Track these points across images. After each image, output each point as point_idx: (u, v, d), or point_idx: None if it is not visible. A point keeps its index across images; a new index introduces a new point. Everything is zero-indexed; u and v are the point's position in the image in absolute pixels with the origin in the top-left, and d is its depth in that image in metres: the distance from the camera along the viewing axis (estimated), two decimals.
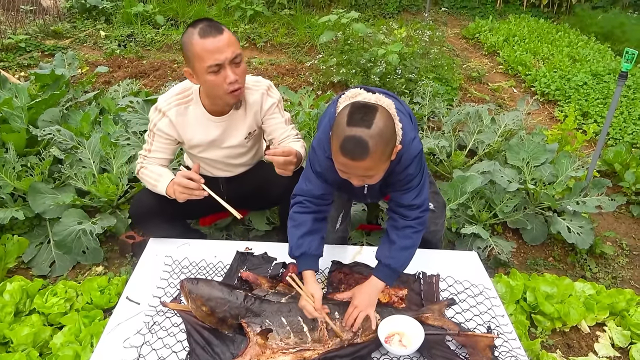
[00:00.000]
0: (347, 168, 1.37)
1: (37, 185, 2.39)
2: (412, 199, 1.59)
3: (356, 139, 1.28)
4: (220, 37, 1.65)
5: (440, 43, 4.98)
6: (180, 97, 1.88)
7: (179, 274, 1.82)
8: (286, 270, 1.83)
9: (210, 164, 2.08)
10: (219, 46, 1.64)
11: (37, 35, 5.31)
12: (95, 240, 2.27)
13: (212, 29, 1.65)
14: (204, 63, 1.65)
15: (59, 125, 2.77)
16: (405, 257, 1.63)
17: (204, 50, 1.64)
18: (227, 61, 1.67)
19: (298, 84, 4.42)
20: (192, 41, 1.65)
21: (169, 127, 1.87)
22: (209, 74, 1.68)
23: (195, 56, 1.66)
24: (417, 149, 1.53)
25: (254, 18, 6.00)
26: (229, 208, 1.72)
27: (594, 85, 4.39)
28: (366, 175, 1.39)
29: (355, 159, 1.31)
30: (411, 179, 1.57)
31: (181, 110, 1.86)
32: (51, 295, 1.93)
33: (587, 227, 2.49)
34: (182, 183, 1.70)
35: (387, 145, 1.34)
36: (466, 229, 2.39)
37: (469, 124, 3.15)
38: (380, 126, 1.30)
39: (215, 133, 1.92)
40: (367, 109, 1.33)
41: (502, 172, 2.58)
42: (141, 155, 1.95)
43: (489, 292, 1.81)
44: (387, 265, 1.61)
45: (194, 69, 1.71)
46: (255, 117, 1.97)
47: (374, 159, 1.31)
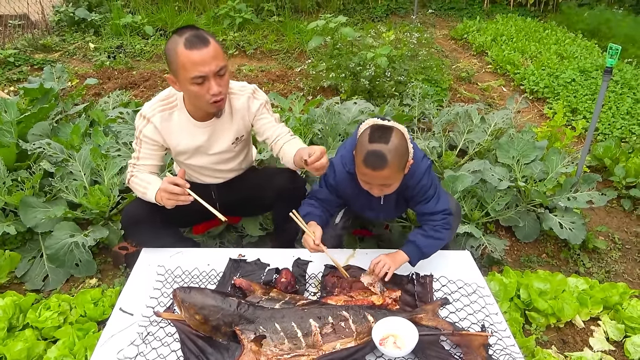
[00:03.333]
0: (369, 178, 1.63)
1: (28, 199, 2.38)
2: (433, 206, 1.82)
3: (377, 153, 1.56)
4: (206, 50, 1.64)
5: (428, 45, 5.02)
6: (164, 103, 1.88)
7: (172, 283, 1.82)
8: (280, 275, 1.83)
9: (199, 171, 2.07)
10: (204, 58, 1.63)
11: (26, 49, 5.30)
12: (87, 252, 2.26)
13: (198, 40, 1.64)
14: (188, 74, 1.65)
15: (49, 139, 2.76)
16: (433, 244, 1.82)
17: (189, 61, 1.63)
18: (211, 73, 1.67)
19: (288, 89, 4.43)
20: (177, 50, 1.64)
21: (154, 133, 1.87)
22: (193, 85, 1.68)
23: (179, 66, 1.65)
24: (426, 164, 1.79)
25: (243, 26, 6.02)
26: (214, 211, 1.72)
27: (582, 82, 4.42)
28: (385, 184, 1.65)
29: (376, 169, 1.57)
30: (426, 190, 1.80)
31: (165, 116, 1.87)
32: (44, 310, 1.92)
33: (579, 223, 2.51)
34: (168, 189, 1.70)
35: (402, 158, 1.61)
36: (459, 228, 2.39)
37: (459, 124, 3.17)
38: (395, 142, 1.58)
39: (201, 139, 1.92)
40: (385, 128, 1.62)
41: (493, 170, 2.59)
42: (130, 164, 1.95)
43: (482, 291, 1.82)
44: (415, 243, 1.78)
45: (177, 77, 1.71)
46: (244, 122, 1.97)
47: (392, 169, 1.58)
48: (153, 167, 1.95)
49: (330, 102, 3.29)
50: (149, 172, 1.93)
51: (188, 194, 1.71)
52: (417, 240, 1.80)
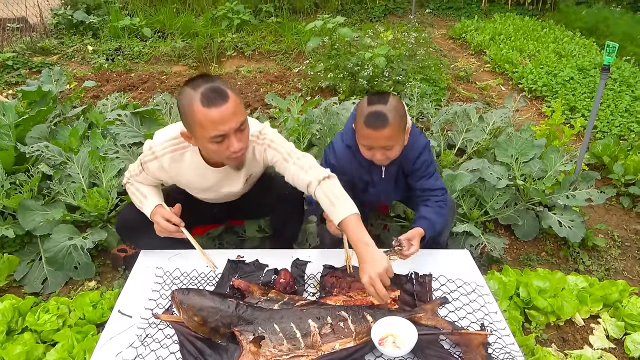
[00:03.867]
0: (371, 141, 1.68)
1: (27, 202, 2.38)
2: (435, 182, 1.90)
3: (377, 112, 1.63)
4: (226, 106, 1.50)
5: (426, 44, 5.02)
6: (176, 142, 1.74)
7: (170, 285, 1.81)
8: (278, 276, 1.83)
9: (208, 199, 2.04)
10: (224, 116, 1.49)
11: (24, 52, 5.30)
12: (86, 255, 2.25)
13: (217, 95, 1.49)
14: (206, 133, 1.52)
15: (47, 142, 2.77)
16: (440, 220, 1.86)
17: (208, 120, 1.49)
18: (232, 131, 1.53)
19: (287, 90, 4.43)
20: (193, 108, 1.50)
21: (158, 171, 1.79)
22: (211, 143, 1.56)
23: (196, 124, 1.52)
24: (425, 140, 1.88)
25: (241, 27, 6.02)
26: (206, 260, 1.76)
27: (581, 80, 4.42)
28: (387, 147, 1.69)
29: (378, 129, 1.63)
30: (428, 165, 1.88)
31: (176, 156, 1.75)
32: (43, 313, 1.92)
33: (578, 221, 2.50)
34: (161, 224, 1.70)
35: (401, 119, 1.68)
36: (458, 227, 2.39)
37: (457, 123, 3.17)
38: (394, 103, 1.66)
39: (212, 180, 1.84)
40: (382, 93, 1.72)
41: (491, 169, 2.59)
42: (129, 173, 1.90)
43: (481, 290, 1.81)
44: (427, 218, 1.81)
45: (194, 134, 1.58)
46: (251, 165, 1.87)
47: (393, 128, 1.64)
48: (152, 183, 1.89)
49: (328, 102, 3.29)
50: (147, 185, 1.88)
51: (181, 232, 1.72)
52: (428, 215, 1.84)
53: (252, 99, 4.22)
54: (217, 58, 5.39)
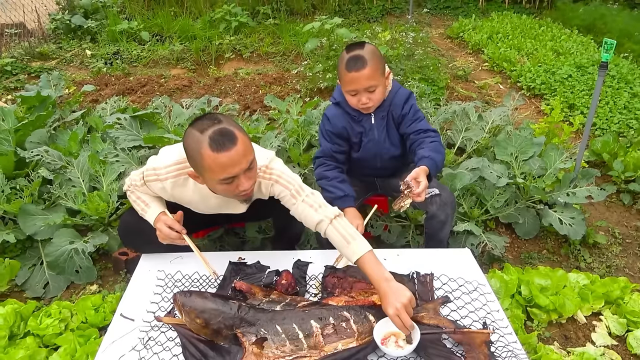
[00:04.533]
0: (354, 83, 1.81)
1: (27, 207, 2.38)
2: (426, 125, 1.97)
3: (356, 56, 1.78)
4: (236, 149, 1.45)
5: (424, 44, 5.02)
6: (181, 167, 1.69)
7: (172, 287, 1.81)
8: (280, 277, 1.83)
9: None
10: (234, 160, 1.46)
11: (22, 57, 5.30)
12: (87, 259, 2.25)
13: (226, 139, 1.44)
14: (216, 176, 1.49)
15: (47, 146, 2.77)
16: (440, 158, 1.88)
17: (218, 165, 1.46)
18: (241, 172, 1.51)
19: (286, 91, 4.44)
20: (201, 152, 1.45)
21: (161, 192, 1.77)
22: (221, 185, 1.53)
23: (205, 169, 1.49)
24: (408, 90, 2.00)
25: (239, 29, 6.03)
26: (206, 266, 1.76)
27: (579, 77, 4.43)
28: (370, 87, 1.81)
29: (358, 69, 1.77)
30: (417, 110, 1.98)
31: (180, 181, 1.72)
32: (45, 317, 1.92)
33: (579, 218, 2.50)
34: (163, 231, 1.69)
35: (380, 60, 1.82)
36: (458, 226, 2.40)
37: (457, 122, 3.17)
38: (371, 47, 1.82)
39: (215, 204, 1.82)
40: (359, 42, 1.86)
41: (491, 167, 2.59)
42: (130, 179, 1.86)
43: (483, 288, 1.81)
44: (429, 157, 1.83)
45: (202, 176, 1.56)
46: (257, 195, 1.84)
47: (372, 68, 1.77)
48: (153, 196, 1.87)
49: (327, 103, 3.29)
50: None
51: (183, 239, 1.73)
52: (427, 153, 1.84)
53: (251, 100, 4.23)
54: (216, 60, 5.39)
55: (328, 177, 2.03)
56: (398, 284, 1.57)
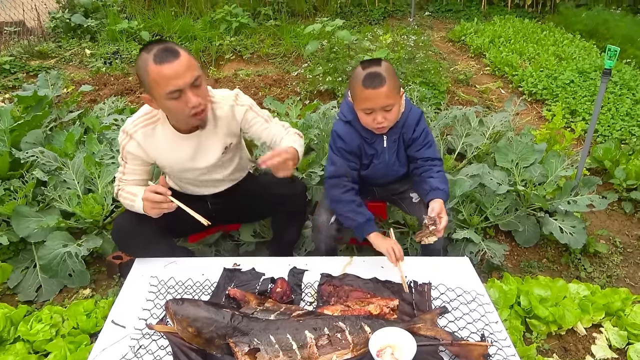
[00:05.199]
0: (371, 101, 1.73)
1: (21, 208, 2.36)
2: (434, 152, 1.94)
3: (373, 73, 1.70)
4: (177, 62, 1.57)
5: (426, 47, 4.99)
6: (147, 117, 1.82)
7: (165, 294, 1.78)
8: (275, 285, 1.80)
9: (190, 182, 2.03)
10: (177, 71, 1.56)
11: (21, 56, 5.28)
12: (81, 262, 2.22)
13: (168, 53, 1.56)
14: (162, 90, 1.58)
15: (42, 147, 2.74)
16: (447, 188, 1.90)
17: (161, 77, 1.56)
18: (186, 86, 1.60)
19: (285, 94, 4.41)
20: (147, 68, 1.57)
21: (137, 150, 1.82)
22: (169, 100, 1.61)
23: (152, 83, 1.59)
24: (419, 110, 1.95)
25: (239, 30, 6.00)
26: (196, 216, 1.72)
27: (581, 83, 4.40)
28: (386, 106, 1.73)
29: (376, 87, 1.69)
30: (427, 134, 1.94)
31: (148, 131, 1.81)
32: (36, 322, 1.89)
33: (580, 227, 2.47)
34: (149, 197, 1.67)
35: (396, 79, 1.75)
36: (458, 234, 2.36)
37: (457, 127, 3.14)
38: (387, 65, 1.75)
39: (187, 152, 1.87)
40: (374, 59, 1.78)
41: (491, 174, 2.56)
42: (117, 179, 1.92)
43: (481, 299, 1.78)
44: (440, 189, 1.84)
45: (152, 95, 1.64)
46: (229, 129, 1.90)
47: (390, 86, 1.70)
48: (140, 182, 1.91)
49: (327, 106, 3.26)
50: (135, 185, 1.89)
51: (171, 202, 1.68)
52: (440, 185, 1.86)
53: None
54: (216, 61, 5.37)
55: (345, 201, 1.91)
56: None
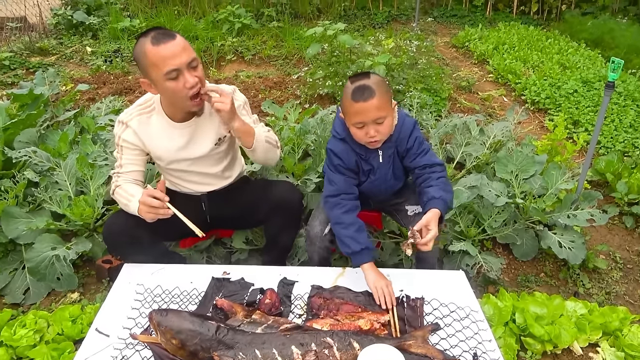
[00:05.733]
0: (361, 115, 1.68)
1: (11, 209, 2.32)
2: (432, 158, 1.86)
3: (362, 85, 1.67)
4: (174, 42, 1.62)
5: (428, 53, 4.94)
6: (142, 107, 1.86)
7: (151, 302, 1.74)
8: (264, 296, 1.76)
9: (183, 177, 2.01)
10: (174, 51, 1.61)
11: (22, 52, 5.25)
12: (69, 266, 2.18)
13: (164, 35, 1.62)
14: (160, 70, 1.62)
15: (36, 146, 2.70)
16: (449, 196, 1.79)
17: (159, 57, 1.60)
18: (184, 65, 1.63)
19: (285, 97, 4.37)
20: (145, 50, 1.61)
21: (133, 137, 1.85)
22: (168, 81, 1.64)
23: (150, 65, 1.62)
24: (412, 120, 1.89)
25: (242, 31, 5.96)
26: (191, 226, 1.70)
27: (585, 93, 4.34)
28: (378, 119, 1.69)
29: (366, 100, 1.65)
30: (421, 142, 1.87)
31: (143, 119, 1.85)
32: (20, 327, 1.85)
33: (579, 242, 2.42)
34: (146, 202, 1.66)
35: (387, 90, 1.71)
36: (454, 245, 2.31)
37: (457, 136, 3.09)
38: (377, 77, 1.72)
39: (181, 141, 1.88)
40: (363, 72, 1.74)
41: (490, 186, 2.51)
42: (114, 174, 1.91)
43: (475, 315, 1.73)
44: (440, 198, 1.73)
45: (151, 78, 1.67)
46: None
47: (380, 98, 1.66)
48: (137, 174, 1.91)
49: (325, 112, 3.22)
50: (133, 179, 1.90)
51: (167, 208, 1.66)
52: (437, 194, 1.76)
53: (251, 104, 4.12)
54: (217, 62, 5.33)
55: (345, 223, 1.83)
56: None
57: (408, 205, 2.01)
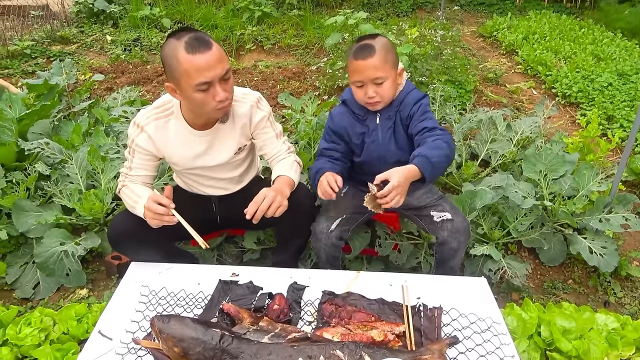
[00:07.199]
0: (360, 73, 1.69)
1: (21, 202, 2.29)
2: (433, 123, 1.75)
3: (364, 44, 1.68)
4: (210, 53, 1.51)
5: (454, 43, 4.74)
6: (160, 110, 1.76)
7: (156, 305, 1.68)
8: (272, 301, 1.67)
9: (198, 181, 1.95)
10: (209, 62, 1.50)
11: (43, 41, 5.26)
12: (77, 262, 2.14)
13: (200, 43, 1.50)
14: (192, 81, 1.52)
15: (49, 138, 2.67)
16: (439, 153, 1.60)
17: (193, 67, 1.49)
18: (217, 78, 1.54)
19: (304, 87, 4.26)
20: (177, 56, 1.50)
21: (147, 143, 1.76)
22: (197, 92, 1.55)
23: (182, 73, 1.52)
24: (423, 93, 1.85)
25: (262, 19, 5.86)
26: (196, 237, 1.63)
27: (620, 86, 4.09)
28: (376, 79, 1.68)
29: (365, 58, 1.66)
30: (426, 110, 1.80)
31: (161, 124, 1.75)
32: (25, 325, 1.81)
33: (611, 248, 2.26)
34: (151, 208, 1.59)
35: (390, 52, 1.70)
36: (476, 249, 2.18)
37: (482, 131, 2.93)
38: (383, 39, 1.71)
39: (199, 148, 1.80)
40: (372, 34, 1.75)
41: (517, 186, 2.36)
42: (122, 174, 1.86)
43: (498, 328, 1.62)
44: (421, 154, 1.60)
45: (179, 85, 1.57)
46: (244, 131, 1.84)
47: (381, 57, 1.66)
48: (146, 178, 1.85)
49: None
50: (141, 182, 1.83)
51: (172, 215, 1.59)
52: (421, 152, 1.61)
53: (268, 96, 4.07)
54: (236, 51, 5.25)
55: (314, 167, 1.89)
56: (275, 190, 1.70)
57: (434, 211, 1.89)
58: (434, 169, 1.58)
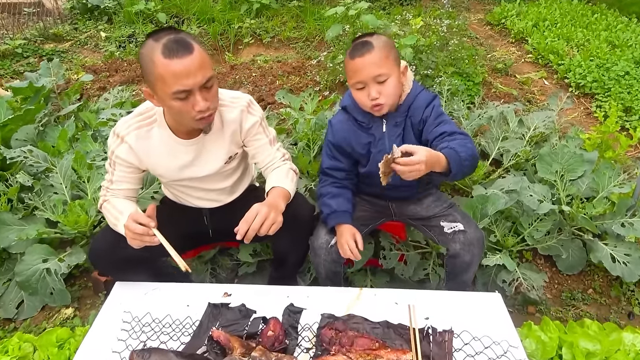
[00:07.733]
0: (359, 73, 1.54)
1: (2, 215, 2.16)
2: (453, 127, 1.59)
3: (362, 41, 1.56)
4: (190, 58, 1.35)
5: (460, 32, 4.53)
6: (141, 118, 1.62)
7: (139, 333, 1.54)
8: (267, 327, 1.53)
9: (187, 192, 1.80)
10: (188, 69, 1.35)
11: (36, 39, 5.10)
12: (60, 281, 2.01)
13: (180, 46, 1.34)
14: (168, 88, 1.36)
15: (34, 145, 2.53)
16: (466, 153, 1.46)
17: (169, 73, 1.34)
18: (196, 86, 1.38)
19: (304, 83, 4.08)
20: (153, 59, 1.35)
21: (128, 154, 1.61)
22: (174, 101, 1.40)
23: (157, 78, 1.36)
24: (433, 93, 1.70)
25: (260, 12, 5.66)
26: (177, 259, 1.48)
27: (638, 75, 3.88)
28: (378, 77, 1.53)
29: (363, 54, 1.52)
30: (441, 113, 1.65)
31: (142, 133, 1.60)
32: (2, 354, 1.68)
33: (636, 255, 2.09)
34: (131, 227, 1.45)
35: (390, 48, 1.56)
36: (489, 259, 2.02)
37: (493, 129, 2.75)
38: (380, 36, 1.58)
39: (185, 158, 1.65)
40: (369, 33, 1.61)
41: (531, 189, 2.18)
42: (104, 187, 1.71)
43: (515, 353, 1.46)
44: (451, 148, 1.45)
45: (155, 91, 1.42)
46: (235, 138, 1.69)
47: (380, 53, 1.52)
48: (129, 192, 1.71)
49: None
50: (124, 196, 1.69)
51: (153, 234, 1.45)
52: (450, 145, 1.48)
53: (266, 92, 3.89)
54: (234, 45, 5.07)
55: (322, 193, 1.81)
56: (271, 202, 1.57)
57: (445, 221, 1.73)
58: (461, 165, 1.44)
